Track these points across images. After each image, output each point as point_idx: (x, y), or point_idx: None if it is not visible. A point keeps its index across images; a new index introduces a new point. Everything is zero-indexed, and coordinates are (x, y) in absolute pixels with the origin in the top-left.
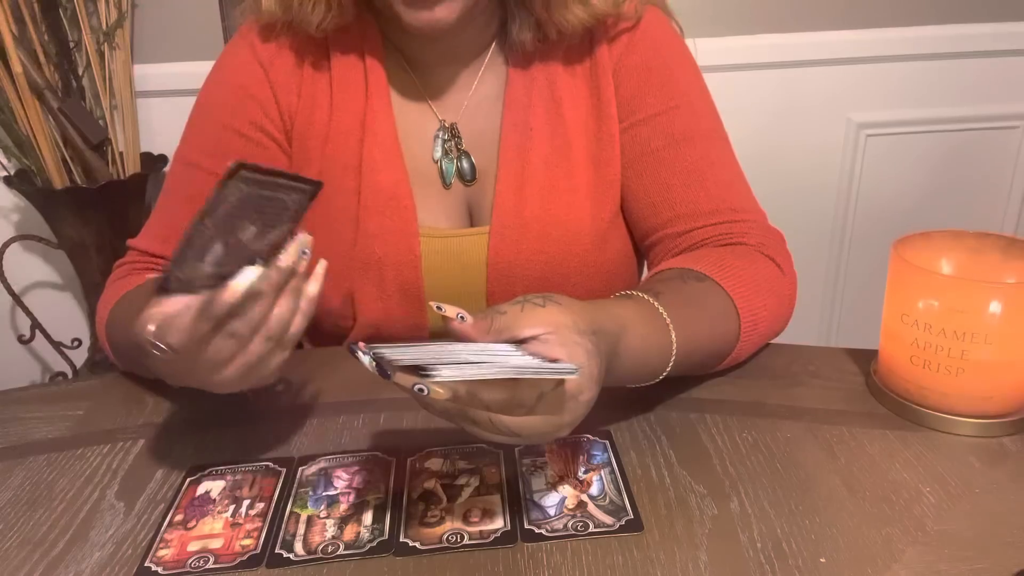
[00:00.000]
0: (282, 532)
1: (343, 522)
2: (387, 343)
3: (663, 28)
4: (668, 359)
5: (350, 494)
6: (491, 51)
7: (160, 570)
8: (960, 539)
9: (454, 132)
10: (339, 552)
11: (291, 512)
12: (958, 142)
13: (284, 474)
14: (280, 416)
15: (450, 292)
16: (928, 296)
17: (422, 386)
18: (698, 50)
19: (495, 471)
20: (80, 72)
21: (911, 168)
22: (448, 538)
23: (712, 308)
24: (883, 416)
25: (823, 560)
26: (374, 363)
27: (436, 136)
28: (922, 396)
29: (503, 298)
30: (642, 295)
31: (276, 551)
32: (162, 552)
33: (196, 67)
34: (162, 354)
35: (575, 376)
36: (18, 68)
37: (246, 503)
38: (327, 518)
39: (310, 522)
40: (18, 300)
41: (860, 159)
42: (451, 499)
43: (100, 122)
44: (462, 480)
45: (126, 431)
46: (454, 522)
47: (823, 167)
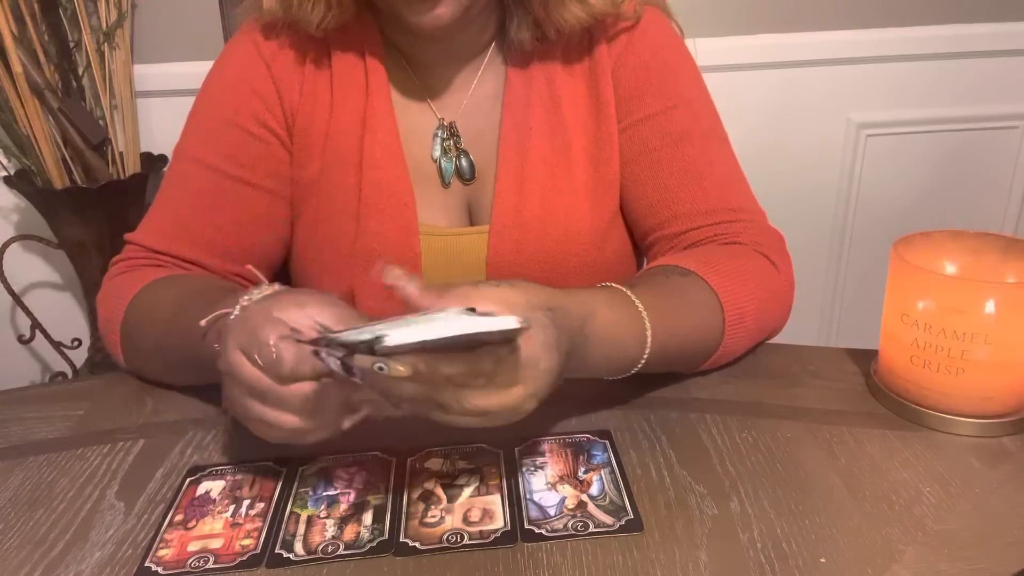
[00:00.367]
0: (282, 532)
1: (343, 522)
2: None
3: (662, 28)
4: (643, 346)
5: (350, 494)
6: (490, 51)
7: (160, 570)
8: (960, 539)
9: (453, 131)
10: (339, 552)
11: (291, 512)
12: (958, 142)
13: (284, 474)
14: None
15: None
16: (928, 296)
17: (381, 364)
18: (698, 50)
19: (495, 471)
20: (80, 72)
21: (911, 168)
22: (448, 538)
23: (692, 300)
24: (883, 416)
25: (823, 560)
26: (340, 365)
27: (435, 135)
28: (922, 396)
29: None
30: (616, 286)
31: (276, 551)
32: (162, 552)
33: (196, 67)
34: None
35: (528, 330)
36: (18, 68)
37: (246, 503)
38: (327, 518)
39: (310, 522)
40: (18, 300)
41: (860, 159)
42: (451, 499)
43: (100, 122)
44: (462, 480)
45: (126, 431)
46: (454, 522)
47: (823, 167)
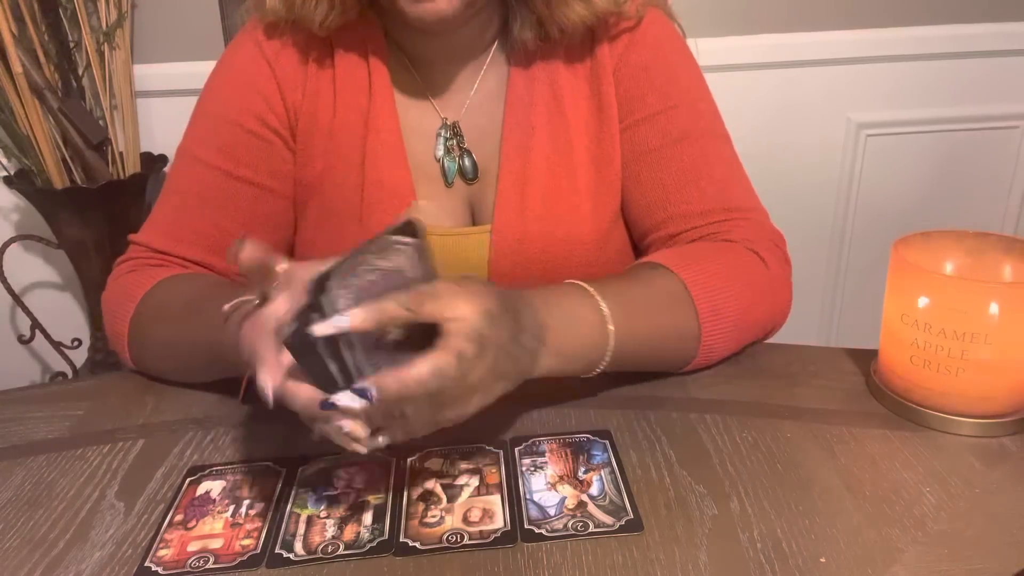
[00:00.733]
0: (282, 532)
1: (343, 522)
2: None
3: (664, 28)
4: (605, 331)
5: (350, 494)
6: (493, 50)
7: (160, 570)
8: (960, 539)
9: (456, 130)
10: (339, 552)
11: (291, 512)
12: (958, 142)
13: (284, 474)
14: (280, 416)
15: None
16: (928, 296)
17: (365, 387)
18: (699, 50)
19: (495, 471)
20: (80, 72)
21: (911, 168)
22: (448, 538)
23: (657, 290)
24: (883, 416)
25: (823, 560)
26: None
27: (438, 134)
28: (922, 396)
29: None
30: (576, 281)
31: (276, 551)
32: (162, 552)
33: (196, 67)
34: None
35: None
36: (18, 68)
37: (246, 503)
38: (327, 518)
39: (310, 522)
40: (18, 300)
41: (860, 159)
42: (451, 499)
43: (100, 122)
44: (462, 480)
45: (126, 431)
46: (454, 522)
47: (823, 167)
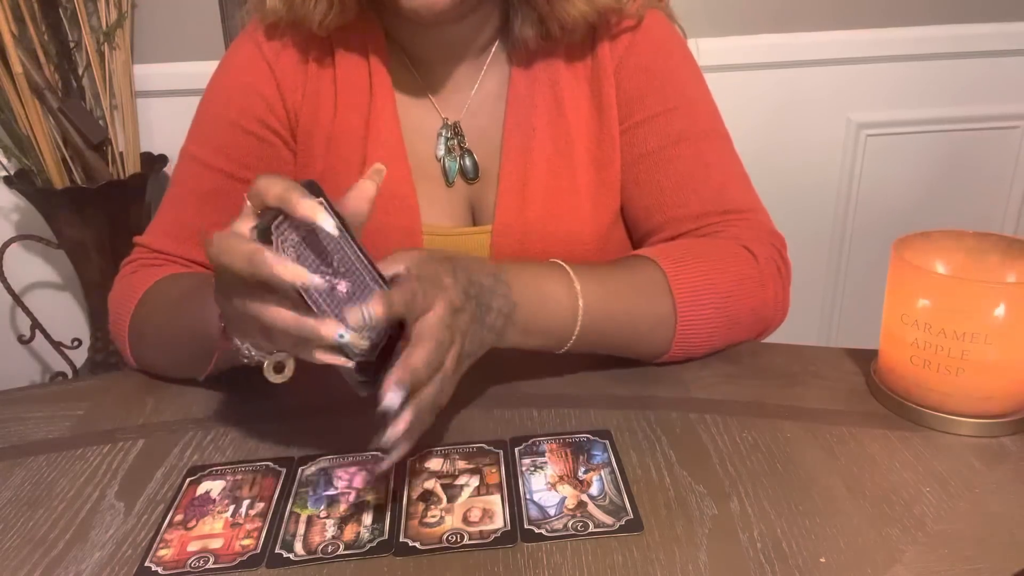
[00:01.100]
0: (282, 532)
1: (343, 522)
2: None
3: (665, 30)
4: (573, 297)
5: (350, 494)
6: (494, 49)
7: (160, 570)
8: (960, 539)
9: (457, 130)
10: (339, 552)
11: (291, 512)
12: (958, 142)
13: (284, 474)
14: (280, 416)
15: None
16: (928, 296)
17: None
18: (699, 50)
19: (495, 471)
20: (80, 72)
21: (911, 168)
22: (448, 538)
23: (633, 275)
24: (883, 416)
25: (823, 560)
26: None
27: (439, 134)
28: (922, 396)
29: None
30: (550, 260)
31: (276, 551)
32: (162, 552)
33: (196, 67)
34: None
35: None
36: (18, 68)
37: (246, 503)
38: (327, 518)
39: (310, 522)
40: (18, 300)
41: (860, 159)
42: (451, 499)
43: (100, 122)
44: (462, 480)
45: (126, 431)
46: (454, 522)
47: (823, 167)
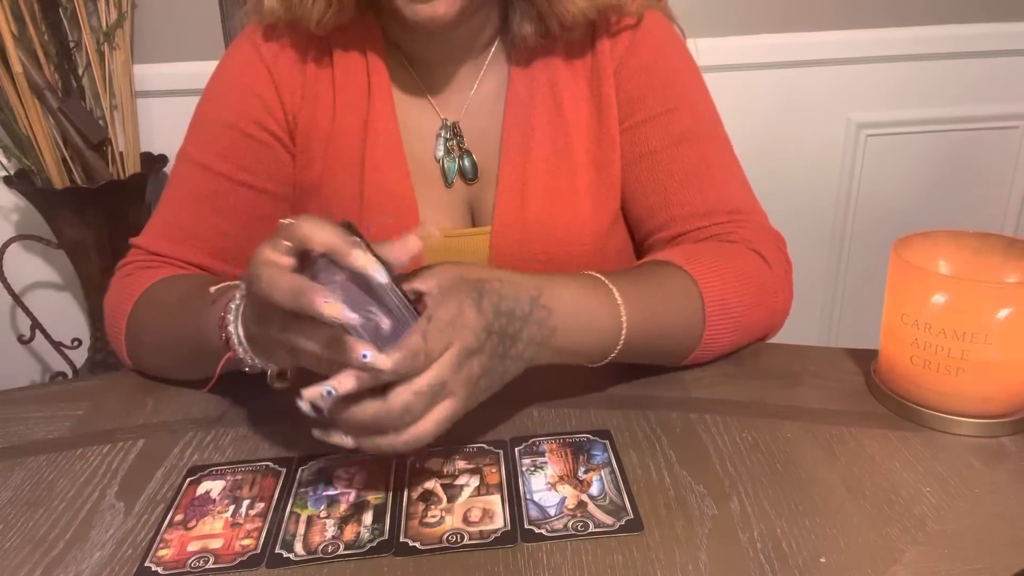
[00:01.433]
0: (282, 532)
1: (343, 522)
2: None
3: (664, 30)
4: (617, 320)
5: (350, 494)
6: (493, 49)
7: (160, 570)
8: (960, 539)
9: (456, 131)
10: (339, 552)
11: (291, 512)
12: (958, 142)
13: (284, 474)
14: (280, 416)
15: None
16: (928, 296)
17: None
18: (699, 50)
19: (495, 471)
20: (80, 72)
21: (911, 168)
22: (448, 538)
23: (668, 283)
24: (883, 416)
25: (823, 560)
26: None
27: (438, 135)
28: (922, 396)
29: None
30: (589, 273)
31: (276, 551)
32: (162, 552)
33: (196, 67)
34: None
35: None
36: (18, 68)
37: (246, 503)
38: (327, 518)
39: (310, 522)
40: (18, 300)
41: (860, 159)
42: (451, 499)
43: (100, 122)
44: (462, 480)
45: (126, 431)
46: (454, 522)
47: (823, 167)
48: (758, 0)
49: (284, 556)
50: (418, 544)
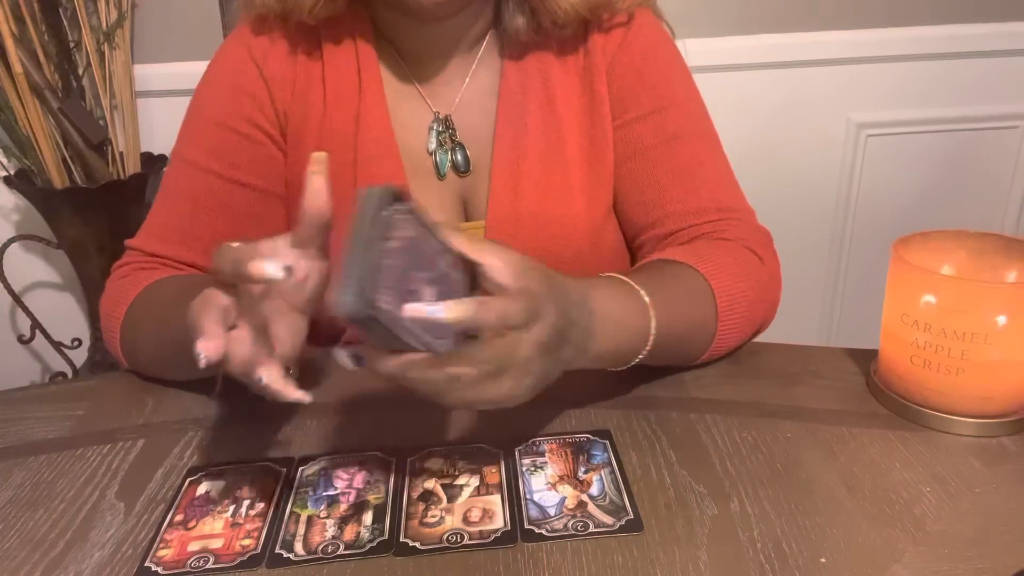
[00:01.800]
0: (282, 532)
1: (343, 522)
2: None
3: (656, 29)
4: (647, 328)
5: (350, 494)
6: (485, 43)
7: (160, 570)
8: (960, 539)
9: (448, 124)
10: (339, 552)
11: (291, 512)
12: (958, 142)
13: (284, 474)
14: (280, 416)
15: None
16: (928, 296)
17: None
18: (688, 51)
19: (495, 471)
20: (80, 72)
21: (911, 168)
22: (448, 538)
23: (688, 287)
24: (883, 416)
25: (823, 560)
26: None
27: (431, 128)
28: (922, 396)
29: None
30: (615, 275)
31: (276, 551)
32: (162, 552)
33: (196, 67)
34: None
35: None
36: (18, 68)
37: (246, 503)
38: (327, 518)
39: (310, 522)
40: (18, 300)
41: (860, 159)
42: (451, 499)
43: (100, 122)
44: (462, 480)
45: (126, 431)
46: (454, 522)
47: (823, 167)
48: (758, 0)
49: (284, 556)
50: (418, 544)
